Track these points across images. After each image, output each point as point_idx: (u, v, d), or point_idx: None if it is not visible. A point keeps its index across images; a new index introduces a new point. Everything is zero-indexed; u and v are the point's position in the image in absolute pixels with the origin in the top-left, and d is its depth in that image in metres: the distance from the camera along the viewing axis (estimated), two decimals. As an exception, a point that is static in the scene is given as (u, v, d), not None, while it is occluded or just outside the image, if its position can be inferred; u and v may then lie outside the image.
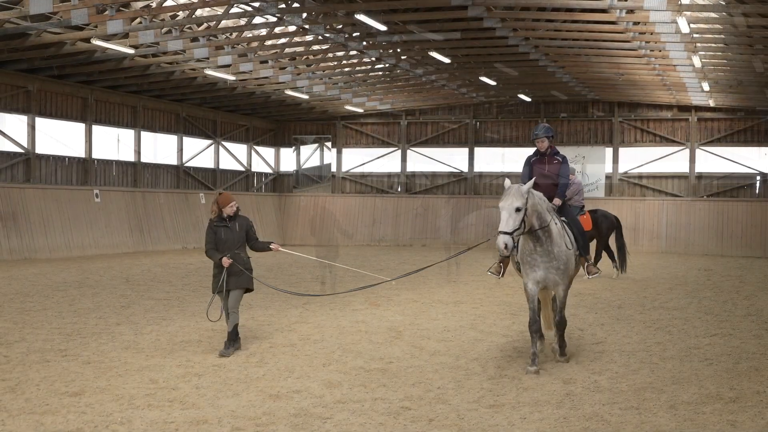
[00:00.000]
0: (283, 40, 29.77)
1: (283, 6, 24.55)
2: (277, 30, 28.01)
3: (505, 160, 43.65)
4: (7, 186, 30.82)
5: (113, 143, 37.11)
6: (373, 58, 31.75)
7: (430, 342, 12.99)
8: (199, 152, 42.15)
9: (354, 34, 27.86)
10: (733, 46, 25.94)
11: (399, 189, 44.54)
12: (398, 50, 30.65)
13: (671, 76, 32.32)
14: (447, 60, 30.96)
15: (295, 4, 24.56)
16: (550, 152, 12.03)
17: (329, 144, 47.04)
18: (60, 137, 34.23)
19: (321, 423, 8.16)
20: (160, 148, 39.78)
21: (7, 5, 23.69)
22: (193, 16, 26.18)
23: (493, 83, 36.42)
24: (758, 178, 39.27)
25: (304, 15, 25.60)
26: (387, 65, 33.21)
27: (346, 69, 34.40)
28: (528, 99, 41.54)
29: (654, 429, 8.04)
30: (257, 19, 26.74)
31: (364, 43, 29.20)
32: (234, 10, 25.62)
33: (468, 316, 15.62)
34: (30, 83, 32.15)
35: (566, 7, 23.49)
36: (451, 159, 44.41)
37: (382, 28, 25.77)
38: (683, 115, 40.63)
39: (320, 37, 28.24)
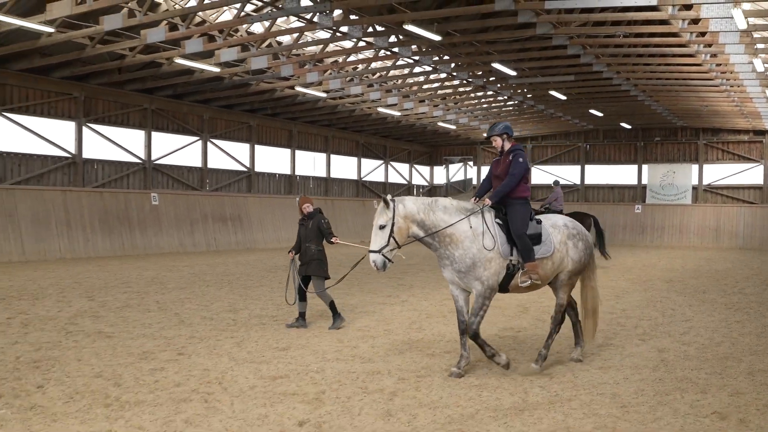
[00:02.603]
0: (436, 84, 29.85)
1: (437, 58, 24.61)
2: (432, 77, 28.10)
3: (611, 175, 42.48)
4: (234, 195, 32.11)
5: (311, 163, 38.09)
6: (505, 97, 31.41)
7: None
8: (373, 170, 42.74)
9: (491, 79, 27.64)
10: (801, 81, 24.35)
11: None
12: (525, 90, 30.21)
13: (748, 107, 30.65)
14: (563, 97, 30.32)
15: (446, 57, 24.56)
16: (510, 149, 8.67)
17: (471, 163, 46.78)
18: (272, 159, 35.40)
19: (467, 377, 8.09)
20: (344, 167, 40.59)
21: (234, 63, 24.67)
22: (369, 67, 26.58)
23: (600, 114, 35.43)
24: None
25: (453, 65, 25.58)
26: (516, 102, 32.78)
27: (484, 105, 34.17)
28: (628, 126, 40.28)
29: (735, 391, 7.58)
30: (416, 69, 26.92)
31: (499, 85, 28.92)
32: (399, 62, 25.89)
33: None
34: (251, 120, 33.38)
35: (661, 53, 22.63)
36: (567, 174, 43.45)
37: (513, 73, 25.47)
38: (758, 138, 38.61)
39: (464, 82, 28.16)
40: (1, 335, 10.17)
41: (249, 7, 20.73)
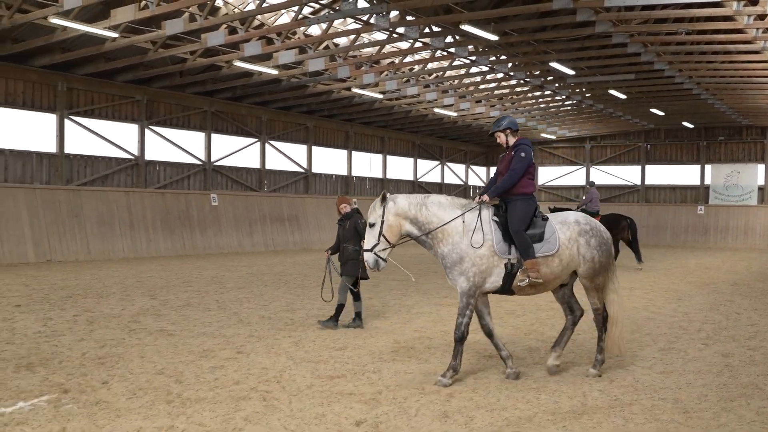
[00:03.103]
0: (493, 85, 29.64)
1: (493, 58, 24.44)
2: (489, 77, 27.92)
3: (672, 175, 41.60)
4: (292, 196, 32.44)
5: (367, 164, 38.23)
6: (563, 96, 31.03)
7: (610, 319, 12.44)
8: (428, 170, 42.68)
9: (548, 78, 27.34)
10: None
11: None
12: (583, 89, 29.80)
13: (817, 104, 29.68)
14: (623, 96, 29.81)
15: (503, 57, 24.39)
16: (514, 144, 8.18)
17: (528, 163, 46.42)
18: (329, 160, 35.64)
19: (524, 379, 8.02)
20: (400, 167, 40.64)
21: (292, 65, 24.92)
22: (425, 68, 26.54)
23: (661, 113, 34.71)
24: None
25: (510, 65, 25.37)
26: (574, 101, 32.35)
27: (542, 105, 33.81)
28: (691, 126, 39.37)
29: (804, 398, 7.34)
30: (473, 69, 26.77)
31: (557, 84, 28.58)
32: (456, 63, 25.78)
33: (641, 300, 14.90)
34: (308, 121, 33.67)
35: (725, 51, 22.06)
36: (627, 175, 42.74)
37: (571, 72, 25.15)
38: (828, 136, 37.38)
39: (522, 81, 27.90)
40: (68, 332, 10.48)
41: (306, 10, 20.93)
